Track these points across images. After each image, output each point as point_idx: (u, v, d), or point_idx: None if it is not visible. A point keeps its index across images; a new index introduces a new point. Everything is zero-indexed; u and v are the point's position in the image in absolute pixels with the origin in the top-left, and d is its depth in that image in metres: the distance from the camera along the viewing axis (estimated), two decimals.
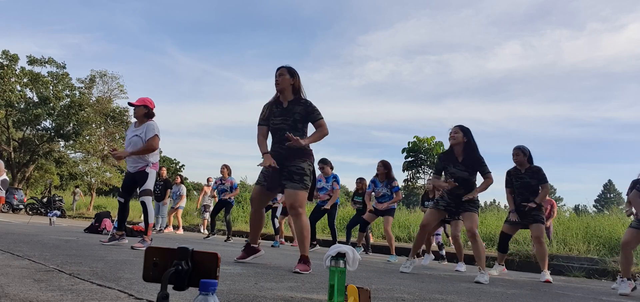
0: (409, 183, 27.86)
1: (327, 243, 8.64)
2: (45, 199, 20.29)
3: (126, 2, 59.69)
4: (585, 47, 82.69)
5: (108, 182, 27.49)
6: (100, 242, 5.05)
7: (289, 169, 3.75)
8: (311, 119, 3.83)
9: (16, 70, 24.95)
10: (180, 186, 11.78)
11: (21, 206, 19.45)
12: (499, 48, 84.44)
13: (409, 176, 28.24)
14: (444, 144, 27.65)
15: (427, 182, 11.07)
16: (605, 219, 10.30)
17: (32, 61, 25.38)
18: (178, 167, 43.59)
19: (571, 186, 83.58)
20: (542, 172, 5.17)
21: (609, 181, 57.93)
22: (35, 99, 25.36)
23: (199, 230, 13.59)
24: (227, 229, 9.66)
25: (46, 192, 23.81)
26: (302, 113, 3.81)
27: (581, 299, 3.48)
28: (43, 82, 25.29)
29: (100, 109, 26.04)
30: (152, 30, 69.86)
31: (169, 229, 11.47)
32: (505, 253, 5.64)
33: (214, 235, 9.95)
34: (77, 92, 26.45)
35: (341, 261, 1.86)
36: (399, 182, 7.37)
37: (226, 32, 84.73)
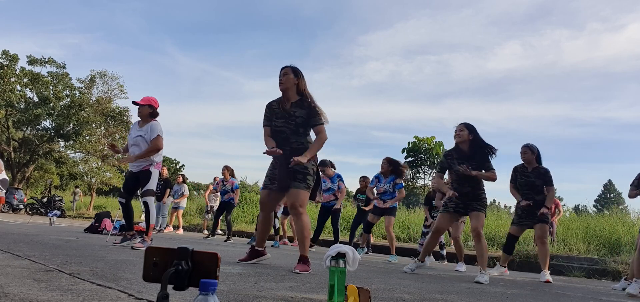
0: (409, 183, 27.86)
1: (328, 243, 8.64)
2: (45, 199, 20.30)
3: (126, 2, 59.64)
4: (585, 47, 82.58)
5: (108, 182, 27.49)
6: (113, 243, 5.01)
7: (293, 169, 3.71)
8: (311, 124, 3.77)
9: (16, 70, 24.96)
10: (182, 186, 11.75)
11: (21, 206, 19.45)
12: (499, 48, 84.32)
13: (409, 176, 28.25)
14: (444, 144, 27.62)
15: (432, 181, 11.06)
16: (605, 219, 10.30)
17: (32, 61, 25.38)
18: (178, 167, 43.60)
19: (571, 186, 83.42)
20: (549, 175, 5.15)
21: (609, 180, 57.86)
22: (35, 99, 25.36)
23: (200, 230, 13.60)
24: (228, 230, 9.65)
25: (46, 192, 23.80)
26: (304, 116, 3.75)
27: (581, 299, 3.48)
28: (43, 82, 25.29)
29: (100, 109, 26.03)
30: (152, 30, 69.80)
31: (169, 229, 11.47)
32: (510, 255, 5.59)
33: (214, 236, 9.95)
34: (77, 92, 26.45)
35: (341, 261, 1.86)
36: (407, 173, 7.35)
37: (226, 32, 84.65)
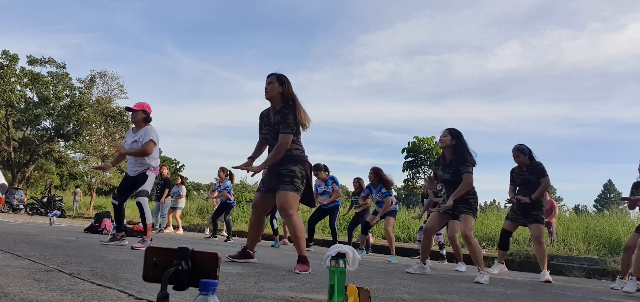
0: (409, 183, 27.82)
1: (327, 243, 8.64)
2: (45, 199, 20.30)
3: (126, 2, 59.71)
4: (585, 47, 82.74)
5: (108, 182, 27.45)
6: (101, 242, 5.06)
7: (280, 172, 3.77)
8: (279, 131, 3.73)
9: (16, 70, 24.93)
10: (180, 187, 11.78)
11: (21, 206, 19.45)
12: (499, 48, 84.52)
13: (409, 176, 28.23)
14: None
15: (424, 183, 11.09)
16: (605, 219, 10.30)
17: (32, 61, 25.36)
18: (178, 167, 43.58)
19: (571, 186, 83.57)
20: (541, 167, 5.20)
21: (609, 180, 57.89)
22: (35, 99, 25.34)
23: (200, 230, 13.59)
24: (227, 229, 9.65)
25: (46, 192, 23.81)
26: (279, 123, 3.77)
27: (581, 299, 3.48)
28: (43, 82, 25.27)
29: (100, 109, 26.01)
30: (152, 30, 69.90)
31: (169, 229, 11.47)
32: (506, 251, 5.65)
33: (216, 237, 9.94)
34: (77, 92, 26.42)
35: (341, 261, 1.86)
36: (395, 184, 7.52)
37: (226, 32, 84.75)
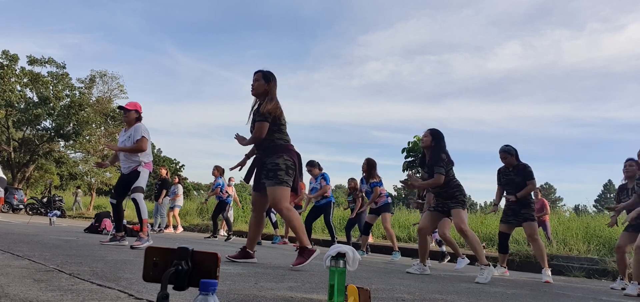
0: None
1: (327, 243, 8.63)
2: (45, 199, 20.30)
3: (126, 2, 59.77)
4: (585, 47, 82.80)
5: (108, 182, 27.44)
6: (101, 242, 5.07)
7: (266, 167, 3.83)
8: (255, 120, 3.90)
9: (16, 70, 24.91)
10: (177, 186, 11.81)
11: (21, 206, 19.45)
12: (499, 48, 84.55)
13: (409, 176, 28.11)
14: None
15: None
16: (605, 219, 10.28)
17: (32, 61, 25.35)
18: (178, 167, 43.56)
19: (571, 185, 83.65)
20: (528, 170, 5.23)
21: (609, 180, 57.84)
22: (35, 99, 25.32)
23: (201, 230, 13.59)
24: (227, 227, 9.68)
25: (46, 192, 23.80)
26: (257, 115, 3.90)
27: (581, 299, 3.48)
28: (43, 82, 25.26)
29: (100, 109, 26.01)
30: (152, 30, 69.96)
31: (170, 229, 11.48)
32: (506, 253, 5.65)
33: (216, 237, 9.94)
34: (77, 92, 26.40)
35: (341, 261, 1.86)
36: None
37: (226, 32, 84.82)
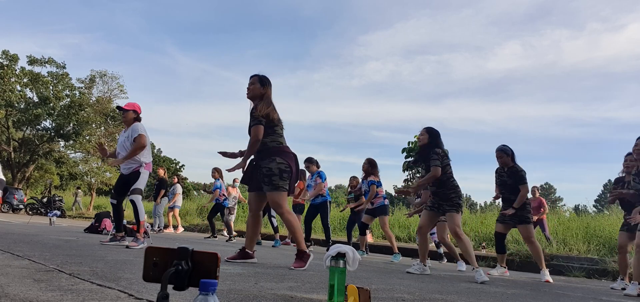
0: (409, 183, 27.83)
1: (324, 243, 8.63)
2: (45, 199, 20.30)
3: (126, 2, 59.78)
4: (585, 47, 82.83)
5: (108, 182, 27.44)
6: (101, 242, 5.06)
7: (261, 171, 3.83)
8: (250, 125, 3.88)
9: (16, 70, 24.92)
10: (175, 186, 11.82)
11: (21, 206, 19.45)
12: (499, 48, 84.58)
13: (409, 176, 28.24)
14: (443, 144, 27.59)
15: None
16: (605, 219, 10.30)
17: (32, 61, 25.35)
18: (178, 167, 43.55)
19: (571, 185, 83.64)
20: (519, 174, 5.21)
21: (609, 180, 57.68)
22: (35, 99, 25.32)
23: (223, 234, 13.56)
24: (227, 230, 9.67)
25: (46, 192, 23.79)
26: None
27: (581, 299, 3.48)
28: (43, 82, 25.26)
29: (100, 109, 26.01)
30: (152, 30, 69.98)
31: (170, 229, 11.48)
32: (504, 253, 5.64)
33: (216, 237, 9.95)
34: (77, 92, 26.41)
35: (341, 261, 1.86)
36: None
37: (226, 32, 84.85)
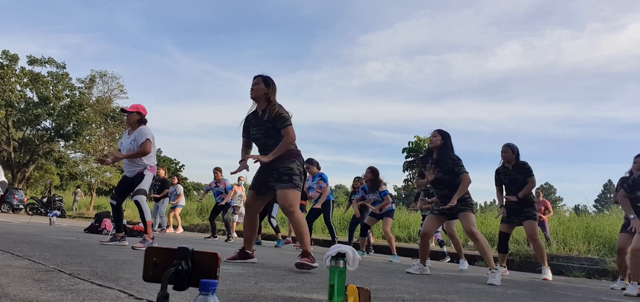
0: (409, 183, 27.86)
1: (327, 243, 8.63)
2: (45, 199, 20.30)
3: (126, 2, 59.79)
4: (585, 47, 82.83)
5: (108, 182, 27.46)
6: (101, 242, 5.06)
7: (278, 170, 3.79)
8: (278, 127, 3.83)
9: (16, 70, 24.93)
10: (177, 186, 11.87)
11: (21, 206, 19.45)
12: (499, 48, 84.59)
13: (409, 176, 28.26)
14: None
15: (415, 182, 11.15)
16: (605, 219, 10.30)
17: (32, 61, 25.36)
18: (178, 167, 43.54)
19: (571, 185, 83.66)
20: (527, 166, 5.20)
21: (609, 180, 57.80)
22: (35, 99, 25.33)
23: (201, 230, 13.61)
24: (227, 229, 9.66)
25: (46, 192, 23.79)
26: (271, 121, 3.84)
27: (581, 299, 3.48)
28: (43, 82, 25.26)
29: (100, 109, 26.02)
30: (152, 30, 70.00)
31: (170, 229, 11.49)
32: (506, 253, 5.65)
33: (216, 237, 9.94)
34: (77, 92, 26.42)
35: (341, 261, 1.86)
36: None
37: (226, 32, 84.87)
